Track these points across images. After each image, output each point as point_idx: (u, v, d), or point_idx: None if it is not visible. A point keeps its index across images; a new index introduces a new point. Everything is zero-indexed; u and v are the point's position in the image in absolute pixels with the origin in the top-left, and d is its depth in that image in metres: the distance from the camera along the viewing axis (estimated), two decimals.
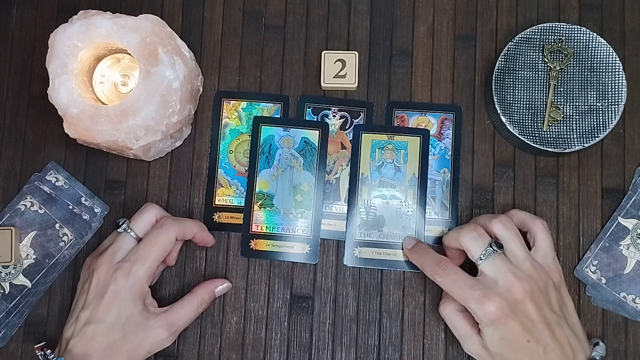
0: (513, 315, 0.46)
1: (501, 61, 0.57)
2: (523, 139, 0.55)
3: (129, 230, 0.51)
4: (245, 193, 0.58)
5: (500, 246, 0.49)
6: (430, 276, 0.51)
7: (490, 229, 0.50)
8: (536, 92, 0.57)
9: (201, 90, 0.59)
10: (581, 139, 0.56)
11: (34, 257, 0.57)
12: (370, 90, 0.59)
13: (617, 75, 0.57)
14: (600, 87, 0.57)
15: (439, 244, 0.57)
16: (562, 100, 0.57)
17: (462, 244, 0.50)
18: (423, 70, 0.60)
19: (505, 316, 0.46)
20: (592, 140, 0.56)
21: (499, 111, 0.56)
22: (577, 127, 0.57)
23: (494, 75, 0.56)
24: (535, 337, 0.46)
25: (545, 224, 0.51)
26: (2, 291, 0.56)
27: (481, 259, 0.48)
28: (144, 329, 0.49)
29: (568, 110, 0.57)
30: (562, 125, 0.57)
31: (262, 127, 0.59)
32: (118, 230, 0.52)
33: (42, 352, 0.49)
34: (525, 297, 0.46)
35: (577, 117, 0.57)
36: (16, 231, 0.56)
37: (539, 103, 0.57)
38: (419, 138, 0.58)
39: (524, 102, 0.57)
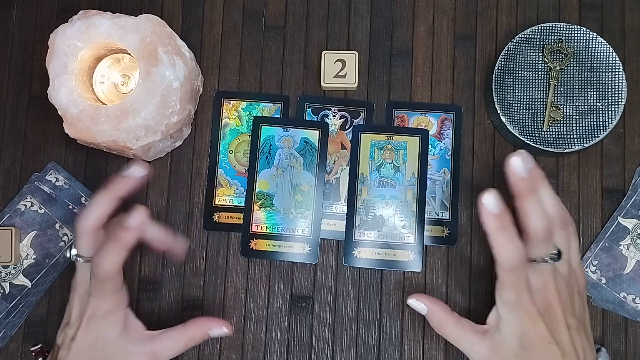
0: (542, 316, 0.45)
1: (501, 61, 0.57)
2: (523, 139, 0.55)
3: (79, 260, 0.48)
4: (245, 193, 0.58)
5: (559, 256, 0.46)
6: (505, 266, 0.45)
7: (551, 232, 0.47)
8: (536, 92, 0.57)
9: (201, 90, 0.59)
10: (581, 139, 0.56)
11: (34, 257, 0.57)
12: (370, 90, 0.59)
13: (617, 75, 0.57)
14: (600, 87, 0.57)
15: (438, 244, 0.57)
16: (562, 100, 0.57)
17: (533, 240, 0.46)
18: (423, 70, 0.60)
19: (537, 315, 0.45)
20: (592, 140, 0.56)
21: (499, 111, 0.56)
22: (577, 127, 0.57)
23: (494, 75, 0.56)
24: (556, 340, 0.45)
25: (575, 227, 0.49)
26: (2, 291, 0.56)
27: (537, 262, 0.46)
28: (125, 353, 0.48)
29: (568, 110, 0.57)
30: (562, 125, 0.57)
31: (262, 127, 0.59)
32: (71, 260, 0.49)
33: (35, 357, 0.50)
34: (556, 301, 0.46)
35: (577, 117, 0.57)
36: (16, 231, 0.56)
37: (539, 103, 0.57)
38: (418, 138, 0.58)
39: (524, 102, 0.57)
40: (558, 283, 0.46)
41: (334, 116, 0.59)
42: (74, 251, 0.49)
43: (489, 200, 0.45)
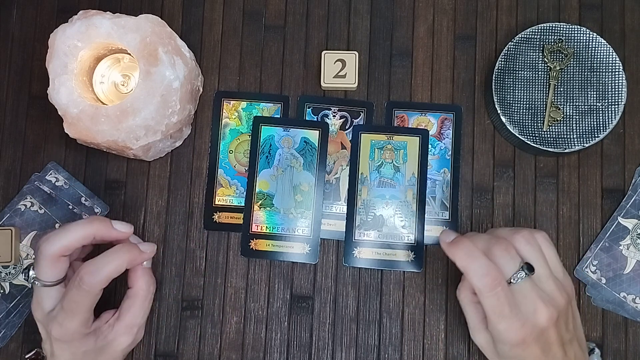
0: (535, 341, 0.44)
1: (501, 61, 0.57)
2: (523, 139, 0.55)
3: (37, 283, 0.47)
4: (245, 193, 0.58)
5: (530, 269, 0.45)
6: (479, 288, 0.44)
7: (513, 245, 0.47)
8: (536, 92, 0.57)
9: (201, 90, 0.59)
10: (581, 139, 0.56)
11: (34, 257, 0.57)
12: (370, 90, 0.59)
13: (617, 75, 0.57)
14: (600, 87, 0.57)
15: (438, 244, 0.57)
16: (562, 100, 0.57)
17: (493, 261, 0.46)
18: (423, 70, 0.60)
19: (528, 341, 0.44)
20: (592, 140, 0.56)
21: (499, 111, 0.56)
22: (577, 127, 0.57)
23: (494, 75, 0.56)
24: (549, 357, 0.45)
25: (547, 235, 0.48)
26: (2, 291, 0.56)
27: (511, 283, 0.45)
28: (108, 345, 0.48)
29: (568, 110, 0.57)
30: (562, 125, 0.57)
31: (262, 127, 0.59)
32: (27, 281, 0.48)
33: None
34: (550, 324, 0.44)
35: (577, 117, 0.57)
36: (16, 231, 0.56)
37: (539, 103, 0.57)
38: (418, 138, 0.58)
39: (524, 102, 0.57)
40: (549, 305, 0.44)
41: (334, 116, 0.59)
42: (32, 273, 0.47)
43: (442, 235, 0.48)
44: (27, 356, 0.53)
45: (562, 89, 0.57)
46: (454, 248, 0.46)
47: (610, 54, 0.57)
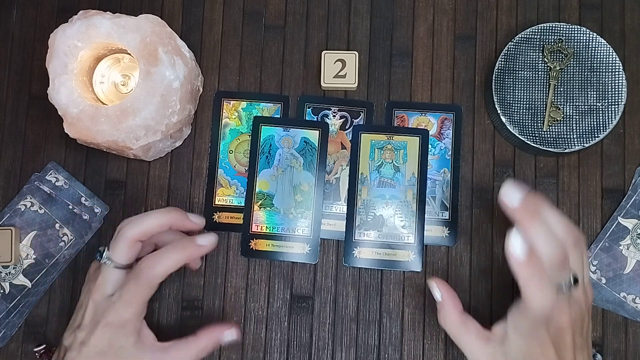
0: (553, 343, 0.44)
1: (501, 61, 0.57)
2: (523, 139, 0.55)
3: (108, 263, 0.48)
4: (245, 193, 0.58)
5: (576, 281, 0.45)
6: (535, 310, 0.44)
7: (566, 256, 0.45)
8: (536, 92, 0.57)
9: (201, 90, 0.59)
10: (581, 139, 0.56)
11: (34, 257, 0.57)
12: (370, 90, 0.59)
13: (617, 75, 0.57)
14: (600, 87, 0.57)
15: (438, 244, 0.57)
16: (562, 100, 0.57)
17: (547, 268, 0.44)
18: (423, 70, 0.60)
19: (548, 343, 0.44)
20: (592, 140, 0.56)
21: (499, 111, 0.56)
22: (577, 127, 0.57)
23: (494, 75, 0.56)
24: None
25: (585, 240, 0.47)
26: (2, 291, 0.56)
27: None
28: None
29: (568, 110, 0.57)
30: (562, 125, 0.57)
31: (262, 127, 0.59)
32: (99, 260, 0.48)
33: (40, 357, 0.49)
34: (568, 327, 0.44)
35: (577, 117, 0.57)
36: (16, 231, 0.56)
37: (539, 103, 0.57)
38: (418, 138, 0.58)
39: (524, 102, 0.57)
40: (573, 310, 0.44)
41: (334, 116, 0.59)
42: (106, 253, 0.48)
43: (515, 248, 0.44)
44: (35, 349, 0.52)
45: (562, 89, 0.57)
46: (527, 275, 0.44)
47: (610, 54, 0.57)
